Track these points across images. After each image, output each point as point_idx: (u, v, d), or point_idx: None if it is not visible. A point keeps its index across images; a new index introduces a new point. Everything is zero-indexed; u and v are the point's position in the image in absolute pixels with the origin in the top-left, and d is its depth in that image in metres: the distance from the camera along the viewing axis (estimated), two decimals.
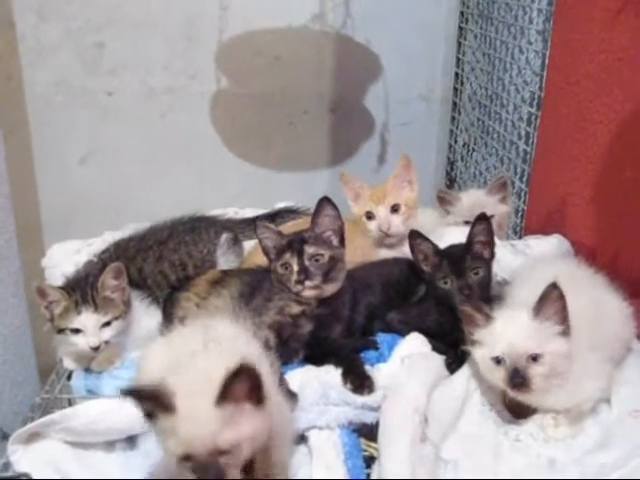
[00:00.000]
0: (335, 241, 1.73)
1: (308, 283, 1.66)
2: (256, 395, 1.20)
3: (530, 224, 2.42)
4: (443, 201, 2.33)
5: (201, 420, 1.16)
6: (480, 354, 1.55)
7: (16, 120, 3.01)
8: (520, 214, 2.53)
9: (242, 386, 1.18)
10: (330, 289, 1.70)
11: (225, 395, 1.16)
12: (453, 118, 3.31)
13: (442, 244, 1.80)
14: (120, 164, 3.18)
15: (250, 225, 2.13)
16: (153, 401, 1.18)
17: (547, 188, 2.31)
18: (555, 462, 1.47)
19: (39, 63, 3.04)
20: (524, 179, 2.52)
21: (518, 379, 1.47)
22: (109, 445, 1.55)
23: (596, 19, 2.00)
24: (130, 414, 1.44)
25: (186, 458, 1.17)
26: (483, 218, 1.76)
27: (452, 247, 1.79)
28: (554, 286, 1.48)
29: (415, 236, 1.77)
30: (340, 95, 3.27)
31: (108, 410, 1.51)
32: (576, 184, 2.13)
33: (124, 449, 1.55)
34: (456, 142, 3.29)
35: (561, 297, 1.48)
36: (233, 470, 1.19)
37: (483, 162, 3.06)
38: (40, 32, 3.00)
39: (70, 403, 1.79)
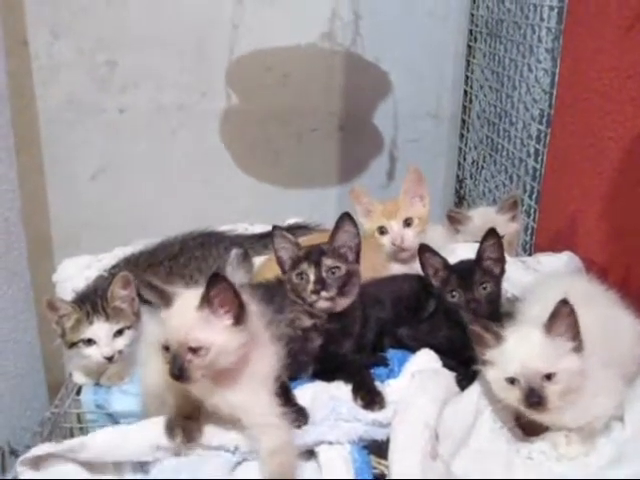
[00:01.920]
0: (350, 257, 1.72)
1: (324, 294, 1.65)
2: (234, 311, 1.43)
3: (540, 241, 2.42)
4: (453, 220, 2.33)
5: (182, 317, 1.42)
6: (492, 374, 1.53)
7: (28, 137, 3.04)
8: (530, 232, 2.52)
9: (218, 292, 1.40)
10: (343, 303, 1.69)
11: (204, 300, 1.41)
12: (462, 136, 3.31)
13: (453, 259, 1.80)
14: (131, 180, 3.20)
15: (259, 241, 2.14)
16: (159, 293, 1.45)
17: (557, 205, 2.31)
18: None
19: (51, 80, 3.06)
20: (533, 196, 2.52)
21: (534, 398, 1.45)
22: (120, 466, 1.53)
23: (606, 36, 2.01)
24: (139, 444, 1.48)
25: (165, 348, 1.42)
26: (493, 234, 1.75)
27: (462, 262, 1.78)
28: (565, 302, 1.47)
29: (424, 250, 1.77)
30: (349, 112, 3.28)
31: (116, 442, 1.49)
32: (586, 201, 2.13)
33: (135, 470, 1.53)
34: (465, 160, 3.30)
35: (572, 313, 1.47)
36: (196, 370, 1.40)
37: (492, 180, 3.06)
38: (53, 50, 3.03)
39: (79, 418, 1.80)
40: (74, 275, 2.02)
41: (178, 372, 1.40)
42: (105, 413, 1.78)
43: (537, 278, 1.93)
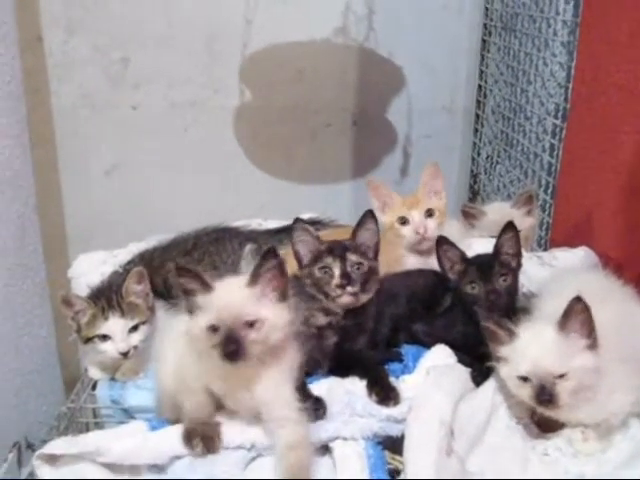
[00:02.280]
0: (370, 254, 1.73)
1: (349, 289, 1.66)
2: (281, 288, 1.47)
3: (556, 237, 2.40)
4: (468, 215, 2.32)
5: (232, 295, 1.44)
6: (506, 371, 1.53)
7: (42, 133, 3.05)
8: (545, 227, 2.51)
9: (270, 268, 1.45)
10: (364, 299, 1.70)
11: (256, 276, 1.45)
12: (476, 130, 3.29)
13: (469, 254, 1.79)
14: (144, 176, 3.20)
15: (274, 236, 2.14)
16: (196, 279, 1.44)
17: (573, 200, 2.29)
18: (584, 477, 1.45)
19: (66, 77, 3.08)
20: (549, 191, 2.50)
21: (545, 396, 1.45)
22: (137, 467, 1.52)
23: (623, 29, 1.99)
24: (157, 451, 1.48)
25: (213, 329, 1.41)
26: (511, 227, 1.75)
27: (479, 256, 1.78)
28: (578, 299, 1.46)
29: (442, 242, 1.76)
30: (363, 108, 3.27)
31: (135, 448, 1.48)
32: (603, 195, 2.11)
33: (152, 469, 1.52)
34: (479, 155, 3.28)
35: (586, 310, 1.46)
36: (253, 346, 1.41)
37: (507, 175, 3.04)
38: (67, 47, 3.04)
39: (95, 413, 1.80)
40: (89, 271, 2.03)
41: (234, 348, 1.40)
42: (120, 408, 1.78)
43: (553, 273, 1.92)
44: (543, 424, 1.56)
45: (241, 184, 3.28)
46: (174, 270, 1.47)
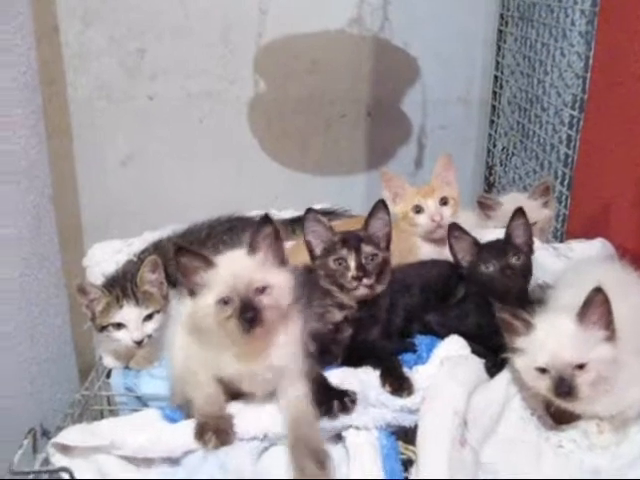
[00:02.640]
0: (383, 244, 1.73)
1: (366, 281, 1.65)
2: (279, 253, 1.51)
3: (572, 228, 2.38)
4: (484, 206, 2.31)
5: (238, 265, 1.47)
6: (522, 363, 1.51)
7: (59, 123, 3.07)
8: (561, 218, 2.49)
9: (265, 235, 1.49)
10: (379, 290, 1.69)
11: (253, 244, 1.49)
12: (492, 122, 3.27)
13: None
14: (160, 167, 3.21)
15: (287, 226, 2.14)
16: (197, 257, 1.46)
17: (590, 191, 2.27)
18: (599, 470, 1.44)
19: (82, 68, 3.09)
20: (565, 183, 2.48)
21: (564, 388, 1.44)
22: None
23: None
24: (171, 444, 1.48)
25: (224, 302, 1.43)
26: (520, 214, 1.76)
27: (490, 241, 1.79)
28: (598, 290, 1.45)
29: (454, 229, 1.76)
30: (377, 99, 3.25)
31: (149, 442, 1.48)
32: (620, 187, 2.09)
33: (163, 460, 1.52)
34: (495, 146, 3.26)
35: (605, 301, 1.45)
36: (269, 310, 1.44)
37: (522, 166, 3.02)
38: (84, 38, 3.05)
39: (109, 400, 1.81)
40: (104, 259, 2.04)
41: (252, 314, 1.41)
42: (134, 396, 1.79)
43: (569, 264, 1.91)
44: (558, 416, 1.55)
45: (256, 175, 3.27)
46: (173, 251, 1.48)
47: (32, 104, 2.18)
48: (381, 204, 1.73)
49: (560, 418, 1.55)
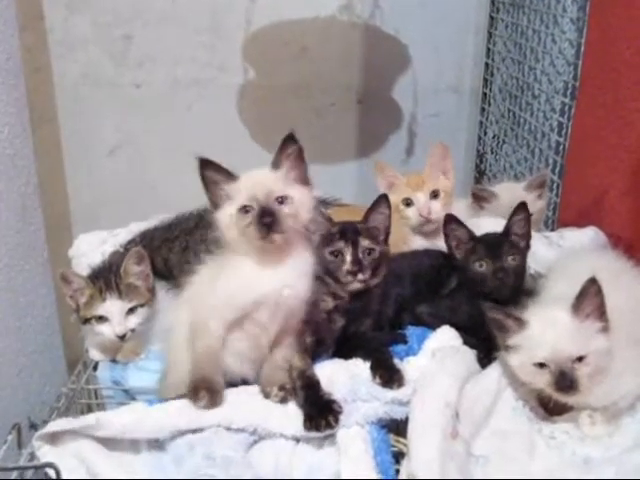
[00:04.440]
0: (381, 238, 1.71)
1: (360, 276, 1.64)
2: (302, 172, 1.57)
3: (564, 217, 2.36)
4: (478, 198, 2.28)
5: (261, 177, 1.55)
6: (518, 360, 1.49)
7: (45, 112, 3.03)
8: (552, 207, 2.47)
9: (290, 152, 1.56)
10: (373, 284, 1.68)
11: (276, 160, 1.57)
12: (483, 109, 3.25)
13: (478, 233, 1.77)
14: (148, 155, 3.19)
15: None
16: (220, 171, 1.55)
17: (581, 180, 2.26)
18: (590, 460, 1.43)
19: (68, 56, 3.06)
20: (556, 171, 2.46)
21: (566, 382, 1.42)
22: (137, 444, 1.51)
23: (635, 4, 1.94)
24: (158, 425, 1.46)
25: (245, 210, 1.49)
26: (523, 209, 1.73)
27: (487, 234, 1.76)
28: (593, 281, 1.43)
29: (450, 220, 1.74)
30: (368, 86, 3.23)
31: (135, 422, 1.47)
32: (612, 175, 2.07)
33: (152, 449, 1.51)
34: (486, 134, 3.24)
35: (600, 292, 1.43)
36: (287, 219, 1.48)
37: (513, 154, 3.00)
38: (69, 25, 3.01)
39: (96, 394, 1.79)
40: (90, 250, 2.01)
41: (270, 219, 1.45)
42: (121, 389, 1.77)
43: (561, 254, 1.89)
44: (549, 407, 1.54)
45: (245, 163, 3.20)
46: (199, 164, 1.55)
47: (16, 91, 2.13)
48: (383, 198, 1.72)
49: (553, 410, 1.54)
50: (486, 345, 1.60)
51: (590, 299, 1.44)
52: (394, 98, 3.27)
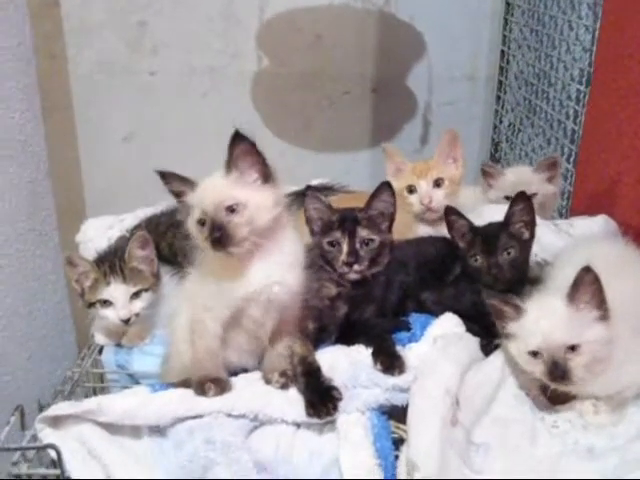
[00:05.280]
0: (384, 226, 1.69)
1: (356, 267, 1.63)
2: (259, 169, 1.47)
3: (577, 205, 2.34)
4: (487, 175, 2.27)
5: (212, 184, 1.47)
6: (515, 348, 1.48)
7: (60, 99, 3.04)
8: (566, 196, 2.44)
9: (240, 152, 1.45)
10: (372, 272, 1.67)
11: (229, 162, 1.46)
12: (498, 98, 3.21)
13: (480, 222, 1.74)
14: (162, 142, 3.18)
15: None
16: (179, 180, 1.52)
17: (594, 167, 2.22)
18: (593, 449, 1.40)
19: (83, 42, 3.05)
20: (571, 159, 2.43)
21: (559, 372, 1.41)
22: (138, 429, 1.50)
23: None
24: (159, 412, 1.46)
25: (201, 223, 1.45)
26: (522, 197, 1.69)
27: (490, 225, 1.73)
28: (587, 270, 1.41)
29: (450, 212, 1.72)
30: (382, 75, 3.20)
31: (137, 408, 1.47)
32: (625, 163, 2.04)
33: (153, 434, 1.50)
34: (501, 122, 3.20)
35: (596, 280, 1.41)
36: (238, 229, 1.42)
37: (529, 143, 2.96)
38: (84, 12, 3.01)
39: (102, 378, 1.80)
40: (96, 235, 2.02)
41: (218, 234, 1.41)
42: (126, 373, 1.78)
43: (569, 242, 1.86)
44: (553, 397, 1.51)
45: None
46: (160, 178, 1.53)
47: (28, 78, 2.15)
48: (386, 185, 1.69)
49: (556, 399, 1.52)
50: (489, 333, 1.59)
51: (585, 288, 1.42)
52: (408, 86, 3.24)
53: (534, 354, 1.44)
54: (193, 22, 3.05)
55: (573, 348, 1.41)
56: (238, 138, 1.45)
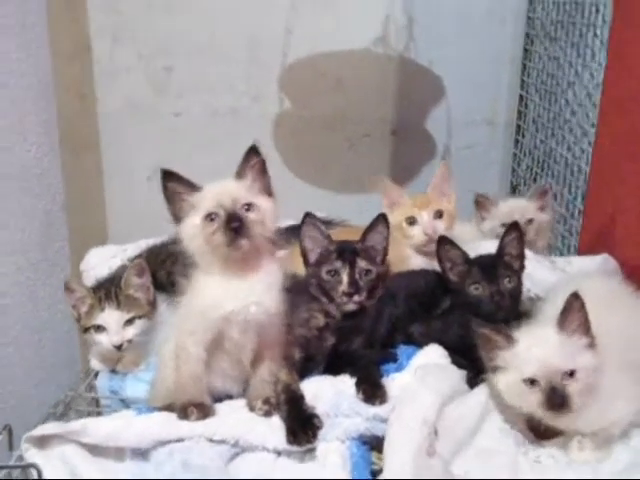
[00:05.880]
0: (379, 259, 1.70)
1: (356, 298, 1.63)
2: (265, 183, 1.57)
3: (583, 245, 2.31)
4: (480, 206, 2.29)
5: (227, 185, 1.54)
6: (505, 380, 1.46)
7: (88, 137, 3.15)
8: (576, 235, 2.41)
9: (253, 163, 1.55)
10: (368, 304, 1.67)
11: (240, 171, 1.55)
12: (517, 141, 3.21)
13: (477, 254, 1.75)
14: None
15: (283, 234, 2.12)
16: (182, 182, 1.55)
17: (601, 206, 2.21)
18: None
19: (112, 84, 3.17)
20: (580, 199, 2.41)
21: (558, 399, 1.38)
22: (122, 452, 1.52)
23: None
24: (141, 435, 1.48)
25: (212, 217, 1.48)
26: (515, 227, 1.69)
27: (482, 256, 1.73)
28: (575, 296, 1.40)
29: (444, 242, 1.72)
30: (402, 118, 3.24)
31: (119, 430, 1.49)
32: (627, 202, 2.02)
33: (136, 457, 1.51)
34: (519, 166, 3.19)
35: (583, 307, 1.41)
36: (255, 226, 1.48)
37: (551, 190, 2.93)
38: (114, 55, 3.14)
39: (97, 402, 1.83)
40: (99, 264, 2.07)
41: (238, 224, 1.46)
42: (119, 399, 1.80)
43: (561, 278, 1.84)
44: (539, 432, 1.49)
45: (278, 192, 3.26)
46: (162, 175, 1.54)
47: (46, 113, 2.24)
48: (382, 217, 1.71)
49: (542, 434, 1.49)
50: (476, 366, 1.57)
51: (574, 314, 1.42)
52: (428, 130, 3.27)
53: (531, 382, 1.42)
54: (217, 66, 3.15)
55: (570, 374, 1.40)
56: (254, 151, 1.56)
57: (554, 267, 1.93)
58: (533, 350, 1.43)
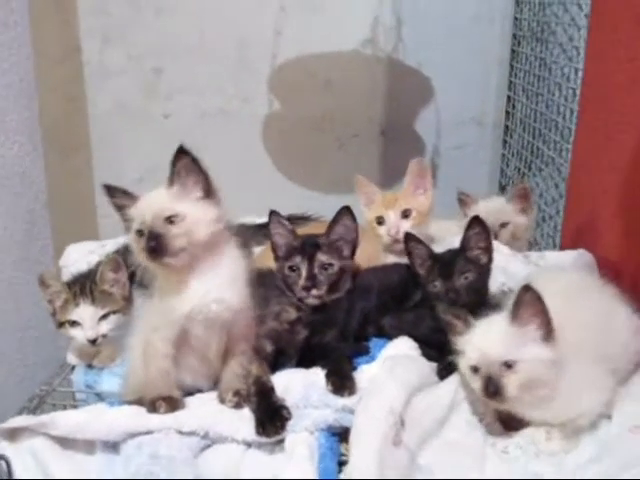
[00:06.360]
0: (346, 251, 1.70)
1: (314, 292, 1.65)
2: (201, 184, 1.50)
3: (565, 241, 2.31)
4: (463, 203, 2.30)
5: (154, 197, 1.51)
6: (461, 364, 1.48)
7: (78, 139, 3.16)
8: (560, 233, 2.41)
9: (182, 165, 1.49)
10: (331, 298, 1.68)
11: (172, 175, 1.49)
12: (505, 142, 3.22)
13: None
14: None
15: (261, 230, 2.13)
16: (123, 195, 1.54)
17: (579, 204, 2.21)
18: (541, 476, 1.37)
19: (101, 86, 3.19)
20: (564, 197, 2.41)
21: (492, 388, 1.39)
22: (92, 445, 1.53)
23: (623, 27, 1.92)
24: (111, 427, 1.49)
25: (139, 233, 1.46)
26: (477, 222, 1.69)
27: (448, 251, 1.73)
28: (527, 289, 1.40)
29: (410, 239, 1.72)
30: (391, 119, 3.25)
31: (88, 422, 1.49)
32: (603, 198, 2.02)
33: (106, 450, 1.52)
34: (508, 166, 3.20)
35: (537, 300, 1.40)
36: (175, 240, 1.43)
37: (537, 188, 2.94)
38: (104, 57, 3.16)
39: (73, 397, 1.83)
40: (78, 259, 2.07)
41: (154, 243, 1.42)
42: (93, 393, 1.80)
43: (532, 272, 1.84)
44: (508, 423, 1.49)
45: (268, 193, 3.27)
46: (105, 191, 1.54)
47: (28, 112, 2.25)
48: (345, 210, 1.71)
49: (510, 425, 1.49)
50: (447, 358, 1.57)
51: (525, 306, 1.41)
52: (417, 130, 3.28)
53: (475, 370, 1.43)
54: (207, 67, 3.16)
55: (509, 365, 1.39)
56: (181, 153, 1.48)
57: (528, 262, 1.93)
58: (478, 339, 1.45)
